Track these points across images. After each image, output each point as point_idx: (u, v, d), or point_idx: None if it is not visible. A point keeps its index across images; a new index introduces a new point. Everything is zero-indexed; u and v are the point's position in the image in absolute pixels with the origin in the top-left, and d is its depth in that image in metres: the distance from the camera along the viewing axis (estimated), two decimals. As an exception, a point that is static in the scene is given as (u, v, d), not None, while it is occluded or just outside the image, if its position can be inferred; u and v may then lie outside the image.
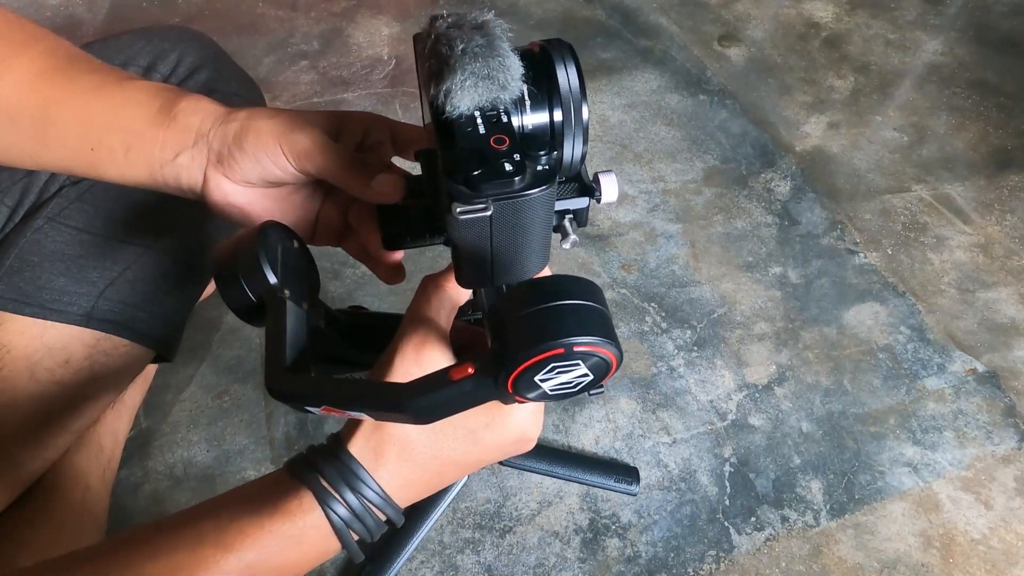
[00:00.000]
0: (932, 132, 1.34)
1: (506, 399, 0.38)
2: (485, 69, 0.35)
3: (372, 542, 0.41)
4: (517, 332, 0.33)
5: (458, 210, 0.34)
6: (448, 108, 0.36)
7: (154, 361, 0.73)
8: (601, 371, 0.35)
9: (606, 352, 0.33)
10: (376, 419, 0.40)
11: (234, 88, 0.71)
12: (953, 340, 1.02)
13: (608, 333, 0.33)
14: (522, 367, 0.33)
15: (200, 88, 0.67)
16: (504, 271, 0.40)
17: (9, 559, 0.63)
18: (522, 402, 0.37)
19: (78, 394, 0.63)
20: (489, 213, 0.34)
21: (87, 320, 0.62)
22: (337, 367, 0.55)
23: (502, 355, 0.33)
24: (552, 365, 0.33)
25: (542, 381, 0.34)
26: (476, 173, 0.34)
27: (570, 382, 0.35)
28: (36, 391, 0.61)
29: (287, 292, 0.41)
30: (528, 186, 0.35)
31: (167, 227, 0.66)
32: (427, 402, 0.36)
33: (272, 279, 0.41)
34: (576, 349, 0.32)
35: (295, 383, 0.38)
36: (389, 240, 0.46)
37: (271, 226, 0.43)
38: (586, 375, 0.35)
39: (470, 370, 0.35)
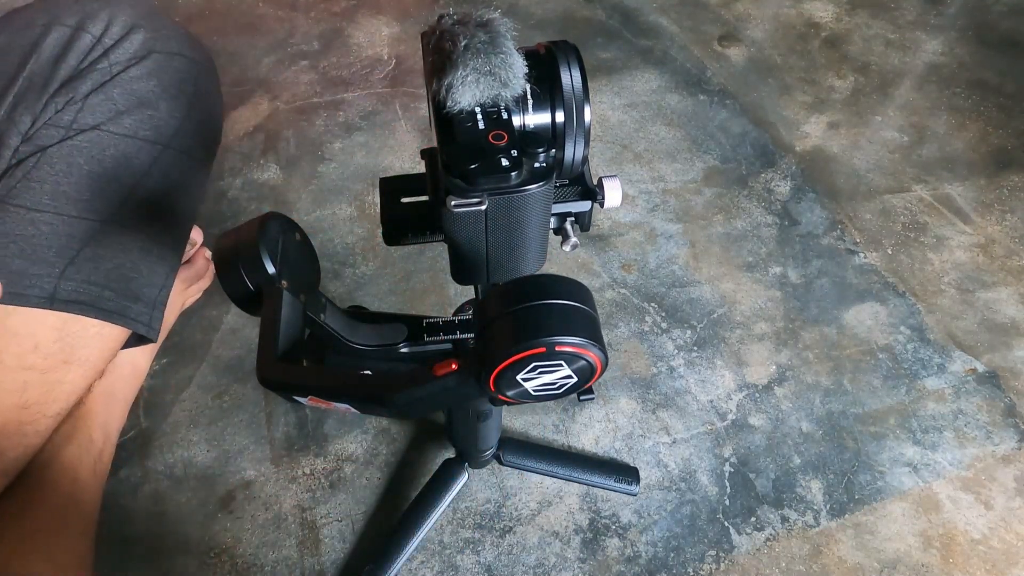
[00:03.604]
0: (932, 132, 1.34)
1: (490, 397, 0.38)
2: (487, 66, 0.35)
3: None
4: (500, 329, 0.33)
5: (452, 203, 0.34)
6: (449, 103, 0.36)
7: (137, 343, 0.72)
8: (585, 374, 0.35)
9: (590, 354, 0.33)
10: (361, 412, 0.40)
11: (175, 47, 0.67)
12: (953, 340, 1.02)
13: (593, 335, 0.33)
14: (503, 364, 0.33)
15: (138, 49, 0.64)
16: (499, 268, 0.40)
17: None
18: (506, 401, 0.37)
19: (52, 378, 0.61)
20: (484, 207, 0.34)
21: (51, 302, 0.60)
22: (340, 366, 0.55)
23: (484, 352, 0.33)
24: (534, 364, 0.33)
25: (524, 380, 0.34)
26: (472, 167, 0.34)
27: (554, 383, 0.35)
28: (7, 379, 0.59)
29: (285, 283, 0.42)
30: (524, 182, 0.35)
31: (120, 199, 0.63)
32: (409, 397, 0.36)
33: (271, 269, 0.41)
34: (558, 349, 0.32)
35: (284, 372, 0.38)
36: (390, 236, 0.46)
37: (272, 217, 0.43)
38: (570, 377, 0.35)
39: (454, 366, 0.35)
